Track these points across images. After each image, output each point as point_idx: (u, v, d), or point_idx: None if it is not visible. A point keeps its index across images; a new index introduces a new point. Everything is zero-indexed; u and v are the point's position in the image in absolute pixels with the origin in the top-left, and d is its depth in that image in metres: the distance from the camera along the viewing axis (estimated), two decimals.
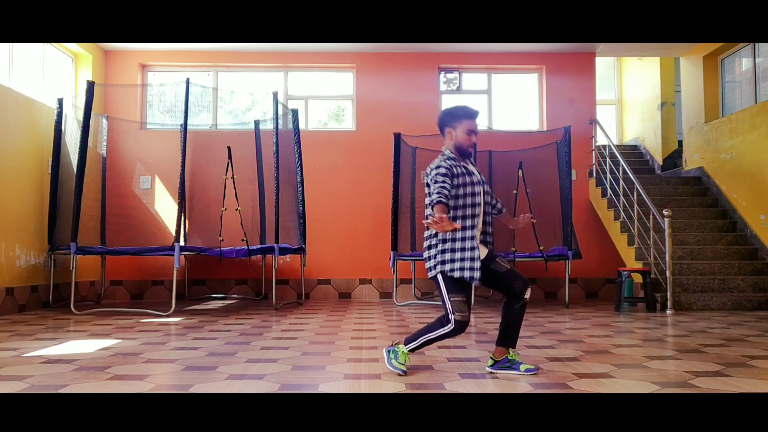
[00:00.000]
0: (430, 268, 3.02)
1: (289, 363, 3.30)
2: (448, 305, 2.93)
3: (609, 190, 7.93)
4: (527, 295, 2.99)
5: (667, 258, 6.38)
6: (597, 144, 8.48)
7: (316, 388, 2.70)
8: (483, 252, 2.99)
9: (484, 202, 3.04)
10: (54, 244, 6.56)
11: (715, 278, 6.78)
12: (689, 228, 7.71)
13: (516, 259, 6.92)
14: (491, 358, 3.10)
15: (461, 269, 2.91)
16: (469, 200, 2.97)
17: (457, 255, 2.94)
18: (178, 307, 6.76)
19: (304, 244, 7.33)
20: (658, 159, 9.94)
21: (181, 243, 7.02)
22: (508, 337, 3.05)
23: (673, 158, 9.83)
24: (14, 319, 5.60)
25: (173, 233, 6.58)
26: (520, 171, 7.49)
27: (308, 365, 3.25)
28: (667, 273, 6.36)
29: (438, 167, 2.95)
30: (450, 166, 2.97)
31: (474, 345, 4.01)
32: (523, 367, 2.99)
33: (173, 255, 5.94)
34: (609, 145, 8.10)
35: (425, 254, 3.05)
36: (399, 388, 2.68)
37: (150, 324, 5.24)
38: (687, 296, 6.51)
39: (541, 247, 7.04)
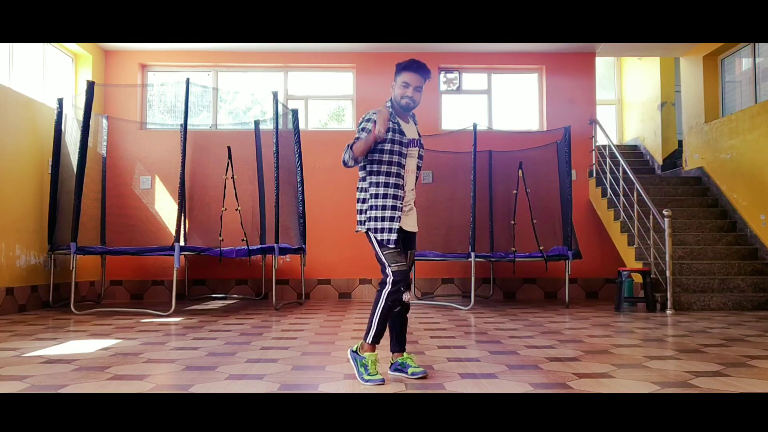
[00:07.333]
0: (360, 222, 2.98)
1: (289, 363, 3.30)
2: (384, 259, 2.90)
3: (609, 190, 7.93)
4: (405, 298, 2.92)
5: (667, 258, 6.38)
6: (597, 144, 8.48)
7: (316, 388, 2.70)
8: (409, 221, 2.99)
9: (417, 167, 3.02)
10: (54, 244, 6.55)
11: (715, 278, 6.78)
12: (689, 228, 7.71)
13: (516, 259, 6.93)
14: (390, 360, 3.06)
15: (382, 230, 2.89)
16: (395, 158, 2.91)
17: (379, 214, 2.90)
18: (178, 307, 6.76)
19: (304, 244, 7.33)
20: (658, 159, 9.94)
21: (181, 243, 7.02)
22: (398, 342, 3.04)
23: (673, 158, 9.82)
24: (14, 319, 5.60)
25: (173, 233, 6.58)
26: (520, 171, 7.49)
27: (308, 365, 3.25)
28: (667, 273, 6.36)
29: (368, 115, 2.94)
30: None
31: (474, 345, 4.01)
32: (410, 371, 2.92)
33: (173, 255, 5.95)
34: (609, 145, 8.10)
35: (358, 207, 2.98)
36: (399, 388, 2.68)
37: (150, 324, 5.24)
38: (687, 296, 6.51)
39: (541, 247, 7.04)
